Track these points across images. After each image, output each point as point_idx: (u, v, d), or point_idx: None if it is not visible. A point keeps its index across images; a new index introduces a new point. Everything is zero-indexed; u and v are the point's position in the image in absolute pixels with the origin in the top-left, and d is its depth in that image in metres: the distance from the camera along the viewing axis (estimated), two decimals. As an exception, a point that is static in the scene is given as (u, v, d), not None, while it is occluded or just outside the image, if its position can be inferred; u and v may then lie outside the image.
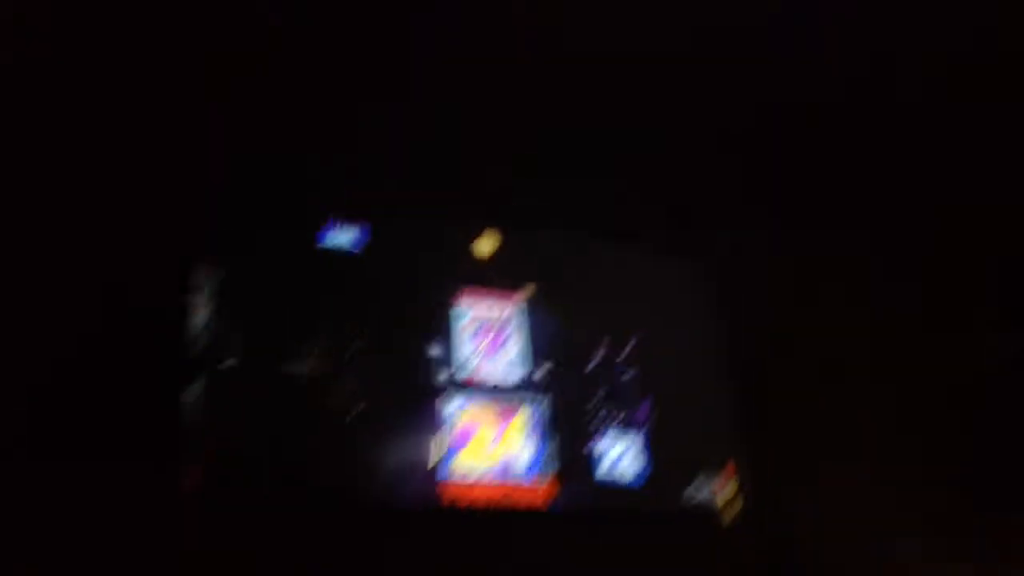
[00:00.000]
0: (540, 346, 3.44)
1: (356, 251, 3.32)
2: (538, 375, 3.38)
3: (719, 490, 3.42)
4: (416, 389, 3.20)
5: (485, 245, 3.54)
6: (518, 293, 3.51)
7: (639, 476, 3.35)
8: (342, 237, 3.32)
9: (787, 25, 3.36)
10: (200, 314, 2.96)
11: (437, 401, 3.20)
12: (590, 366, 3.49)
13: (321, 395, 3.06)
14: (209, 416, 2.86)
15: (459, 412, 3.21)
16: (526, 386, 3.36)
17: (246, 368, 2.99)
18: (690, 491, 3.40)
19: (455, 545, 3.03)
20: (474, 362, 3.31)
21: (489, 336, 3.38)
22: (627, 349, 3.57)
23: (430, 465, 3.08)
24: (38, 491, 2.60)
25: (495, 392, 3.30)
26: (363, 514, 2.99)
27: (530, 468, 3.21)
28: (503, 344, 3.40)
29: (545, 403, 3.35)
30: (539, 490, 3.18)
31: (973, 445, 3.75)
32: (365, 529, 2.99)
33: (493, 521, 3.10)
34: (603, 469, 3.32)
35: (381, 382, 3.14)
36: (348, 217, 3.35)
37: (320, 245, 3.29)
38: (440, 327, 3.32)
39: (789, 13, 3.32)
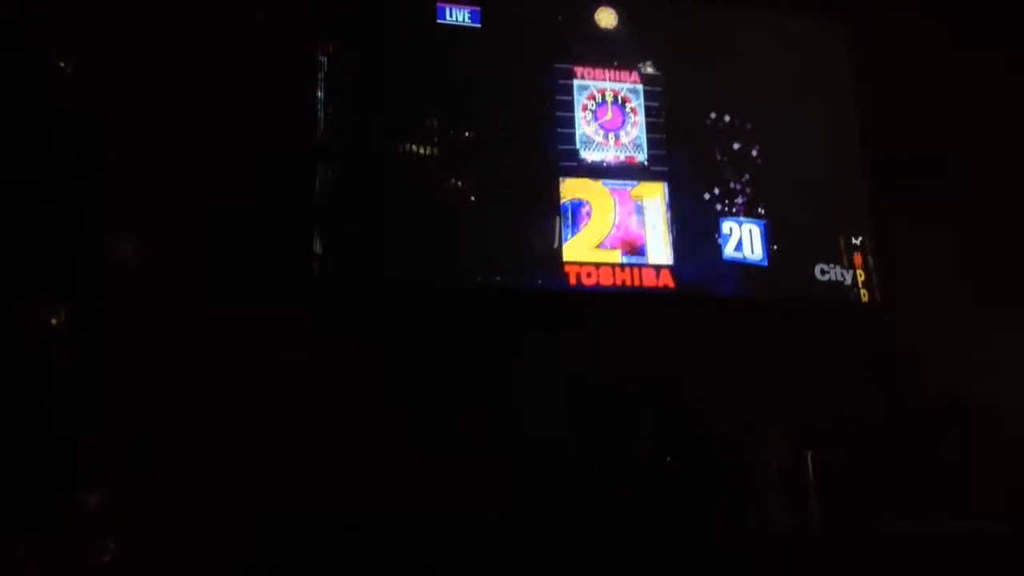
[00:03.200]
0: (661, 125, 3.28)
1: (471, 27, 3.17)
2: (660, 155, 3.25)
3: (846, 273, 3.32)
4: (536, 168, 3.12)
5: (604, 19, 3.33)
6: (638, 69, 3.33)
7: (765, 256, 3.27)
8: (457, 15, 3.18)
9: None
10: (319, 96, 2.92)
11: (558, 181, 3.12)
12: (714, 145, 3.33)
13: (440, 176, 3.02)
14: (331, 201, 2.88)
15: (580, 192, 3.14)
16: (648, 166, 3.24)
17: (364, 151, 2.96)
18: (817, 272, 3.31)
19: (581, 325, 3.06)
20: (595, 141, 3.20)
21: (609, 114, 3.25)
22: (752, 128, 3.38)
23: (553, 246, 3.06)
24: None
25: (617, 172, 3.20)
26: (486, 294, 3.01)
27: (654, 249, 3.16)
28: (624, 123, 3.26)
29: (668, 183, 3.23)
30: (664, 271, 3.14)
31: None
32: (489, 310, 3.05)
33: (618, 301, 3.11)
34: (728, 249, 3.25)
35: (501, 162, 3.08)
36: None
37: (436, 22, 3.14)
38: (559, 105, 3.19)
39: None
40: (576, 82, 3.23)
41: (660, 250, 3.16)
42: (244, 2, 3.01)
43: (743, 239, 3.27)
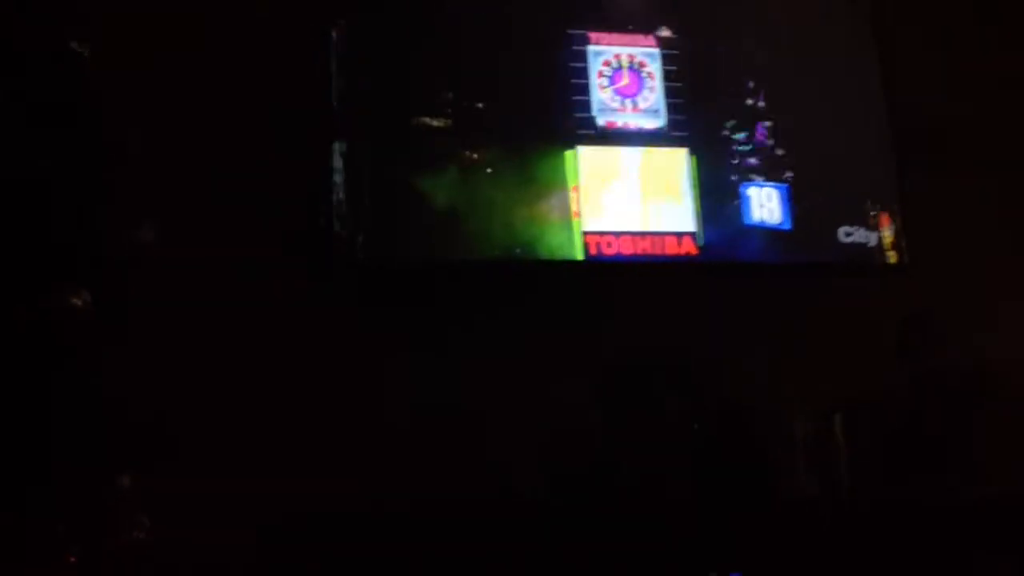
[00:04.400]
0: (680, 89, 3.22)
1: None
2: (679, 120, 3.20)
3: (871, 234, 3.27)
4: (552, 137, 3.07)
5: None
6: (654, 33, 3.26)
7: (788, 220, 3.22)
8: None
9: None
10: (336, 71, 2.89)
11: (577, 148, 3.07)
12: (734, 109, 3.26)
13: (455, 148, 2.98)
14: (344, 180, 2.86)
15: (599, 160, 3.09)
16: (667, 132, 3.18)
17: (379, 126, 2.93)
18: (841, 235, 3.26)
19: (601, 296, 3.04)
20: (612, 107, 3.15)
21: (626, 79, 3.19)
22: (771, 91, 3.31)
23: (573, 216, 3.02)
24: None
25: (635, 139, 3.15)
26: (506, 266, 3.00)
27: (675, 216, 3.12)
28: (641, 88, 3.20)
29: (688, 149, 3.18)
30: (686, 237, 3.10)
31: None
32: (510, 280, 3.03)
33: (642, 270, 3.08)
34: (751, 214, 3.20)
35: (516, 132, 3.03)
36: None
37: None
38: (575, 71, 3.13)
39: None
40: (591, 48, 3.17)
41: (682, 216, 3.12)
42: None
43: (765, 203, 3.22)
